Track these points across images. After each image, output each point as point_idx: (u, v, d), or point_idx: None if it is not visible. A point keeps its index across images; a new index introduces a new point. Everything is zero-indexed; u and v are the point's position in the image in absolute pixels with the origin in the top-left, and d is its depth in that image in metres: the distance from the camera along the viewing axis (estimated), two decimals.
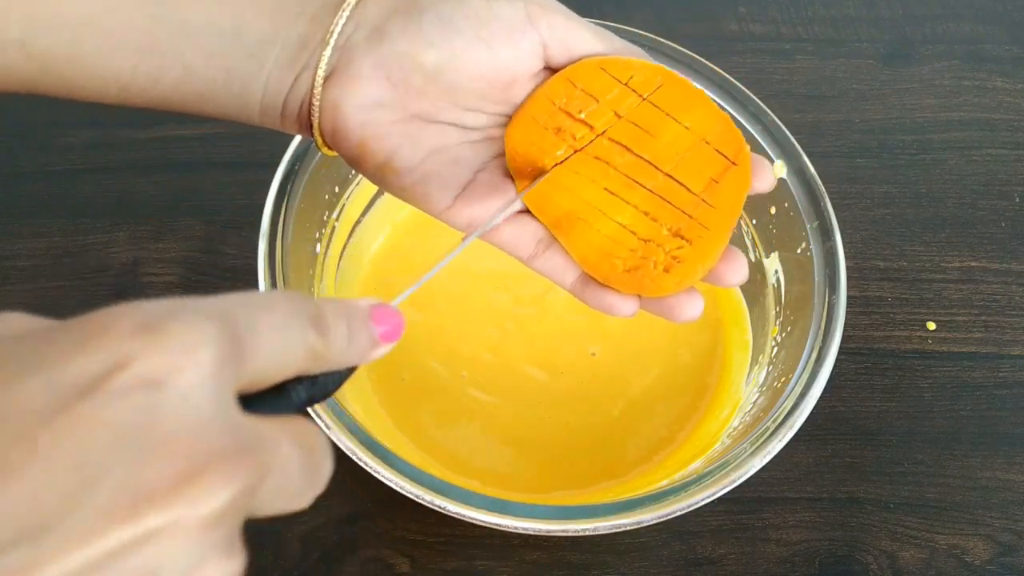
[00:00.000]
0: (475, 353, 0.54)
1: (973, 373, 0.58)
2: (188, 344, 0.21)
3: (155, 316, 0.21)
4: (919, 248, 0.62)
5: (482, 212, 0.38)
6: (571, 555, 0.51)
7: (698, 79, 0.51)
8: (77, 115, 0.63)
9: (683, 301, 0.37)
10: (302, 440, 0.24)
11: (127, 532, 0.19)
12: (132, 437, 0.20)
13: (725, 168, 0.38)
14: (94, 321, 0.21)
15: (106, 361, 0.20)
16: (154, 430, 0.20)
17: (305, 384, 0.26)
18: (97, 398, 0.20)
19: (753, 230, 0.54)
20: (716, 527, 0.53)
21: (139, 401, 0.20)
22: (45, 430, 0.19)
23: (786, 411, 0.45)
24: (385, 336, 0.28)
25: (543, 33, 0.36)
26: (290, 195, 0.48)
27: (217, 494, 0.20)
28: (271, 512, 0.23)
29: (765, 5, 0.72)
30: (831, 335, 0.46)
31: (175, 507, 0.20)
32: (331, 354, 0.25)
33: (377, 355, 0.28)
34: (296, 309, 0.24)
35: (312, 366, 0.25)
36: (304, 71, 0.36)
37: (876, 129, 0.67)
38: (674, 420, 0.54)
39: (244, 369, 0.22)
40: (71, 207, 0.60)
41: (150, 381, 0.20)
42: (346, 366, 0.27)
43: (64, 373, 0.20)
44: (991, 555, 0.53)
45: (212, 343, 0.21)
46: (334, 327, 0.25)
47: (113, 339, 0.20)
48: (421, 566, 0.51)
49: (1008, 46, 0.71)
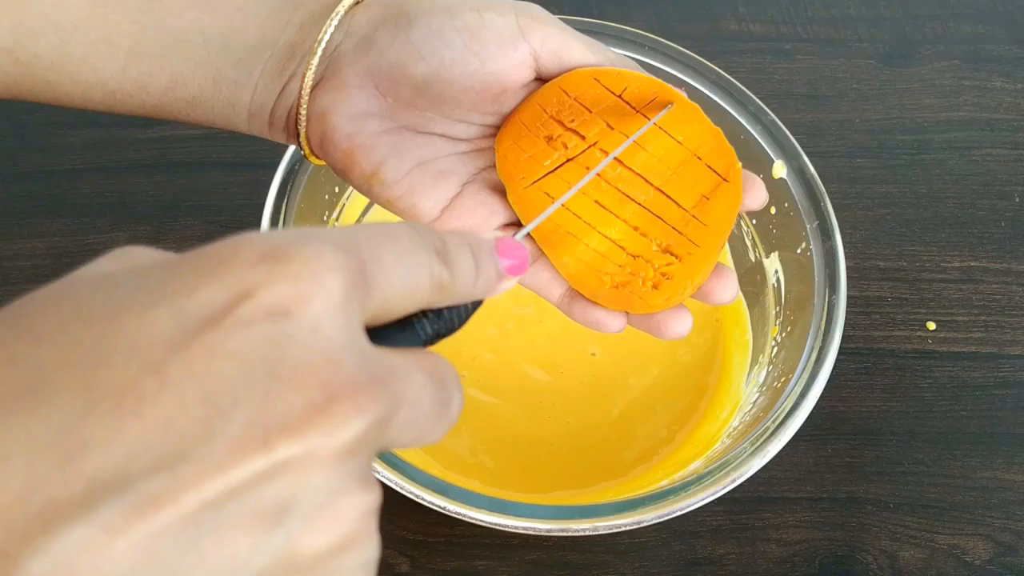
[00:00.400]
0: (475, 353, 0.54)
1: (973, 373, 0.58)
2: (315, 272, 0.20)
3: (280, 244, 0.20)
4: (919, 248, 0.62)
5: (469, 225, 0.37)
6: (571, 555, 0.51)
7: (698, 79, 0.51)
8: (77, 115, 0.63)
9: (671, 318, 0.37)
10: (433, 372, 0.23)
11: (261, 462, 0.19)
12: (262, 367, 0.19)
13: (716, 184, 0.37)
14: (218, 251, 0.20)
15: (232, 290, 0.20)
16: (284, 360, 0.19)
17: (431, 318, 0.25)
18: (224, 328, 0.19)
19: (753, 230, 0.54)
20: (716, 527, 0.53)
21: (267, 331, 0.19)
22: (174, 360, 0.19)
23: (786, 411, 0.45)
24: (512, 269, 0.27)
25: (534, 44, 0.36)
26: (290, 195, 0.48)
27: (351, 424, 0.20)
28: (404, 445, 0.23)
29: (765, 5, 0.72)
30: (831, 335, 0.46)
31: (308, 437, 0.19)
32: (457, 286, 0.25)
33: (503, 288, 0.27)
34: (421, 240, 0.24)
35: (438, 298, 0.24)
36: (292, 80, 0.36)
37: (876, 129, 0.67)
38: (674, 420, 0.54)
39: (371, 299, 0.22)
40: (71, 207, 0.60)
41: (277, 310, 0.20)
42: (471, 300, 0.26)
43: (190, 303, 0.19)
44: (991, 555, 0.53)
45: (339, 271, 0.21)
46: (459, 259, 0.25)
47: (238, 268, 0.20)
48: (421, 566, 0.51)
49: (1008, 46, 0.71)
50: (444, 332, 0.26)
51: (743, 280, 0.56)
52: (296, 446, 0.19)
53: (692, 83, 0.51)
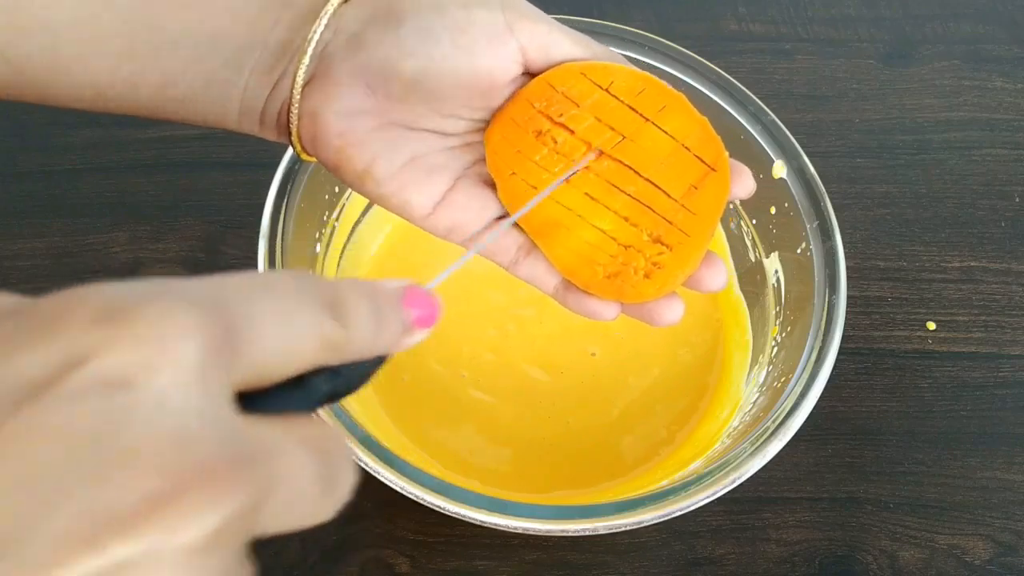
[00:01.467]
0: (475, 353, 0.54)
1: (973, 373, 0.58)
2: (163, 335, 0.17)
3: (124, 301, 0.18)
4: (919, 248, 0.62)
5: (462, 219, 0.38)
6: (571, 555, 0.51)
7: (698, 79, 0.51)
8: (77, 115, 0.63)
9: (663, 305, 0.38)
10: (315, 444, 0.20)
11: (91, 564, 0.16)
12: (92, 449, 0.16)
13: (705, 174, 0.38)
14: (51, 305, 0.18)
15: (61, 355, 0.17)
16: (120, 440, 0.17)
17: (326, 376, 0.22)
18: (48, 401, 0.16)
19: (753, 230, 0.54)
20: (716, 527, 0.53)
21: (101, 405, 0.17)
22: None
23: (786, 411, 0.45)
24: (420, 321, 0.24)
25: (522, 40, 0.36)
26: (290, 195, 0.48)
27: (203, 517, 0.17)
28: (286, 529, 0.20)
29: (765, 5, 0.72)
30: (831, 335, 0.46)
31: (147, 534, 0.16)
32: (353, 343, 0.22)
33: (410, 343, 0.25)
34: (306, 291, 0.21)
35: (330, 357, 0.22)
36: (283, 78, 0.36)
37: (876, 129, 0.67)
38: (674, 420, 0.54)
39: (239, 364, 0.19)
40: (71, 207, 0.60)
41: (115, 380, 0.17)
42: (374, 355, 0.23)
43: (9, 369, 0.17)
44: (991, 555, 0.53)
45: (196, 334, 0.18)
46: (355, 312, 0.22)
47: (71, 329, 0.17)
48: (421, 566, 0.51)
49: (1008, 46, 0.71)
50: (342, 391, 0.23)
51: (743, 280, 0.56)
52: (132, 545, 0.16)
53: (692, 83, 0.51)
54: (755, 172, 0.51)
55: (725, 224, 0.56)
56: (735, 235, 0.56)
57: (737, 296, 0.56)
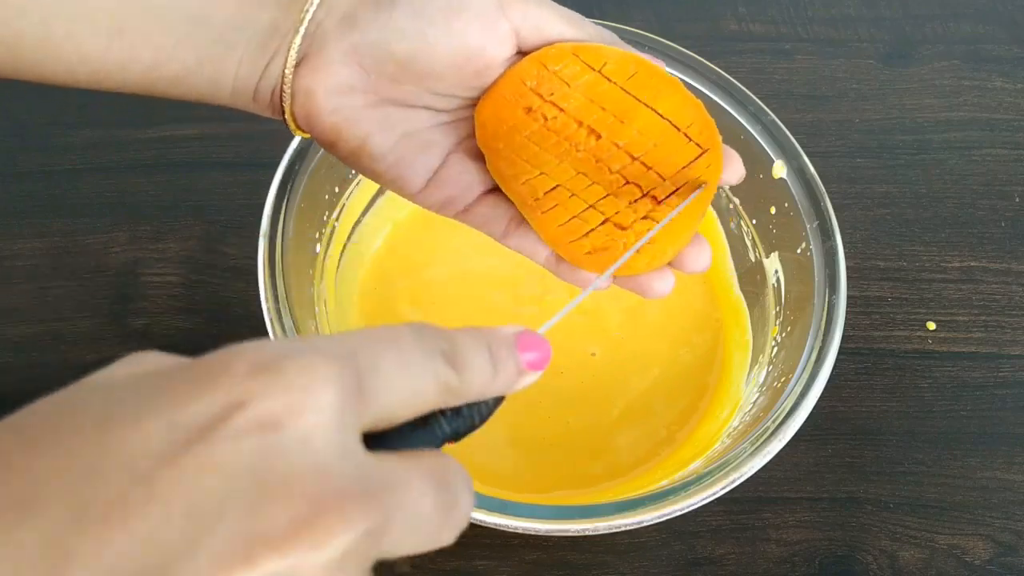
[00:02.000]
0: None
1: (973, 373, 0.58)
2: (307, 384, 0.21)
3: (274, 356, 0.21)
4: (919, 248, 0.62)
5: (454, 194, 0.39)
6: (571, 555, 0.51)
7: (698, 79, 0.51)
8: (77, 115, 0.63)
9: (654, 278, 0.38)
10: (436, 476, 0.23)
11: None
12: (248, 479, 0.19)
13: (697, 155, 0.38)
14: (214, 361, 0.21)
15: (223, 402, 0.20)
16: (271, 472, 0.20)
17: (448, 416, 0.25)
18: (213, 441, 0.20)
19: (753, 230, 0.54)
20: (716, 527, 0.53)
21: (256, 443, 0.20)
22: (163, 472, 0.19)
23: (786, 411, 0.45)
24: (533, 364, 0.27)
25: (515, 20, 0.36)
26: (290, 195, 0.48)
27: (338, 538, 0.20)
28: (407, 552, 0.22)
29: (765, 5, 0.72)
30: (831, 335, 0.46)
31: (293, 552, 0.19)
32: (470, 387, 0.25)
33: (524, 384, 0.27)
34: (425, 343, 0.24)
35: (448, 400, 0.25)
36: (275, 57, 0.37)
37: (876, 129, 0.67)
38: (674, 420, 0.54)
39: (367, 409, 0.22)
40: (71, 207, 0.60)
41: (268, 422, 0.20)
42: (491, 396, 0.26)
43: (182, 415, 0.20)
44: (991, 555, 0.53)
45: (333, 383, 0.21)
46: (471, 360, 0.25)
47: (231, 380, 0.20)
48: (421, 566, 0.51)
49: (1008, 46, 0.71)
50: (464, 430, 0.26)
51: (743, 280, 0.56)
52: (280, 560, 0.19)
53: (692, 83, 0.51)
54: (755, 172, 0.51)
55: (725, 224, 0.56)
56: (735, 235, 0.56)
57: (737, 296, 0.56)
